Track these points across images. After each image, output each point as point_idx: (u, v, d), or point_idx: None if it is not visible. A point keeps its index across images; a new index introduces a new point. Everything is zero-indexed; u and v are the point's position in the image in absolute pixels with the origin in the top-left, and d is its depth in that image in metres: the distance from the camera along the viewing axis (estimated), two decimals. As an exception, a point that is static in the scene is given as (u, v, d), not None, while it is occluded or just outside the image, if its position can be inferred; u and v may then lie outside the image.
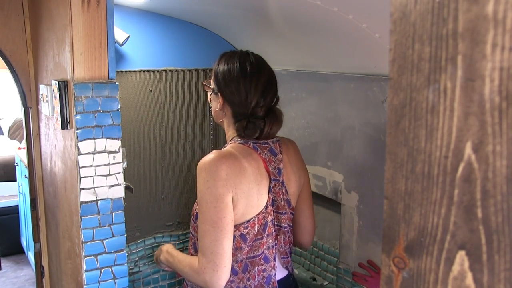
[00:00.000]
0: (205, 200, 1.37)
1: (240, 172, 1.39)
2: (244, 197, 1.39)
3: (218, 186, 1.35)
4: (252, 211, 1.42)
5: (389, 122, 0.43)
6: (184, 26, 2.16)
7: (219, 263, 1.35)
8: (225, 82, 1.47)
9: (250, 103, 1.45)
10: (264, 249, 1.46)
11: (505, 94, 0.35)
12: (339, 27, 1.55)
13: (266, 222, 1.45)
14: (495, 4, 0.34)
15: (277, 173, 1.49)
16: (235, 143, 1.47)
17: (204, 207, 1.37)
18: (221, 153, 1.40)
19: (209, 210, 1.36)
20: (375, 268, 1.75)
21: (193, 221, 1.51)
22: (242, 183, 1.38)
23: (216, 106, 1.52)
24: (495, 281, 0.37)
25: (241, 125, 1.46)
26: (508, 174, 0.35)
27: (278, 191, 1.48)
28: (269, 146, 1.49)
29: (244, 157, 1.42)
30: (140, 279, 2.12)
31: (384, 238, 0.44)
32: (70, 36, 1.45)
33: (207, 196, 1.36)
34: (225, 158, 1.38)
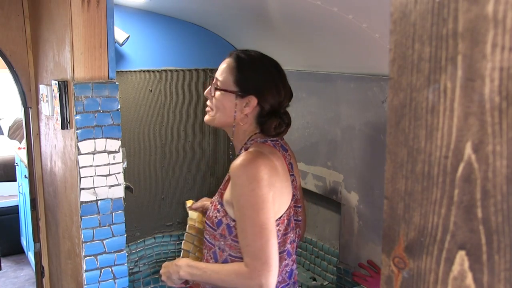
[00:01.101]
0: (250, 203, 1.34)
1: (274, 170, 1.39)
2: (278, 195, 1.40)
3: (261, 186, 1.34)
4: (283, 207, 1.43)
5: (389, 122, 0.43)
6: (184, 26, 2.16)
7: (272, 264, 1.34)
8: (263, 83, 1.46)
9: (284, 102, 1.48)
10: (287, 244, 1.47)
11: (505, 94, 0.35)
12: (339, 27, 1.55)
13: (290, 217, 1.46)
14: (495, 4, 0.34)
15: (291, 167, 1.51)
16: (257, 143, 1.46)
17: (250, 210, 1.34)
18: (256, 154, 1.39)
19: (256, 213, 1.34)
20: (375, 268, 1.75)
21: (213, 229, 1.46)
22: (276, 182, 1.39)
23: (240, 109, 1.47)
24: (495, 281, 0.37)
25: (271, 123, 1.46)
26: (508, 174, 0.35)
27: (295, 185, 1.51)
28: (280, 143, 1.51)
29: (271, 155, 1.42)
30: (140, 279, 2.12)
31: (384, 238, 0.44)
32: (70, 36, 1.45)
33: (252, 199, 1.34)
34: (261, 159, 1.37)
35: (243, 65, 1.47)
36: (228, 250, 1.44)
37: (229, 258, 1.45)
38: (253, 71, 1.46)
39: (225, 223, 1.43)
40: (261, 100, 1.45)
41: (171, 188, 2.20)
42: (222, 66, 1.50)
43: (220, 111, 1.49)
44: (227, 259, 1.45)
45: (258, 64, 1.47)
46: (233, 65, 1.47)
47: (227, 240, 1.43)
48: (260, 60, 1.48)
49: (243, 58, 1.47)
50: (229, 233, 1.43)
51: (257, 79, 1.46)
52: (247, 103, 1.45)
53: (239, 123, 1.48)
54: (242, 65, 1.47)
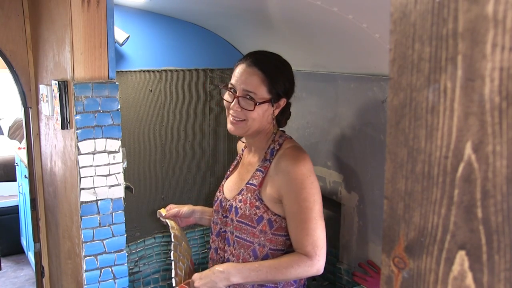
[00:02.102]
0: (312, 194, 1.44)
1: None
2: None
3: (315, 179, 1.46)
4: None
5: (389, 122, 0.43)
6: (184, 26, 2.16)
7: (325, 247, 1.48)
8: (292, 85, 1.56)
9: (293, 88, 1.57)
10: None
11: (505, 94, 0.35)
12: (339, 27, 1.55)
13: None
14: (495, 4, 0.34)
15: None
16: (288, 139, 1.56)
17: (313, 202, 1.44)
18: (301, 150, 1.51)
19: (317, 204, 1.45)
20: (375, 268, 1.75)
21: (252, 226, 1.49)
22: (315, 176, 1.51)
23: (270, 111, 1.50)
24: (495, 281, 0.37)
25: (287, 116, 1.60)
26: (508, 174, 0.35)
27: None
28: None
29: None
30: (140, 279, 2.12)
31: (384, 238, 0.45)
32: (70, 36, 1.45)
33: (313, 190, 1.44)
34: (306, 154, 1.49)
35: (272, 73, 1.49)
36: (268, 244, 1.50)
37: (270, 252, 1.51)
38: (282, 76, 1.51)
39: (266, 218, 1.48)
40: (288, 99, 1.56)
41: (171, 188, 2.20)
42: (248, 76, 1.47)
43: (257, 121, 1.50)
44: (268, 254, 1.51)
45: (282, 68, 1.53)
46: (262, 76, 1.47)
47: (267, 235, 1.49)
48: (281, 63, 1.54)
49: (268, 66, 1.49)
50: (270, 227, 1.49)
51: (284, 82, 1.52)
52: (278, 105, 1.52)
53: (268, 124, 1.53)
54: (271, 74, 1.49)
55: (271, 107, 1.50)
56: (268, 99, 1.48)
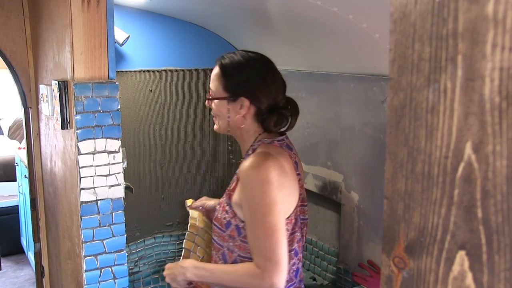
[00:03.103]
0: (261, 205, 1.36)
1: (283, 171, 1.41)
2: (287, 193, 1.42)
3: (272, 189, 1.36)
4: (291, 206, 1.45)
5: (389, 122, 0.43)
6: (184, 26, 2.16)
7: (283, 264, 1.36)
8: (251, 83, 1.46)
9: (277, 96, 1.47)
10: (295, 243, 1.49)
11: (505, 94, 0.35)
12: (339, 27, 1.55)
13: (297, 216, 1.48)
14: (495, 4, 0.34)
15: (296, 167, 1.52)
16: (264, 144, 1.47)
17: (261, 212, 1.36)
18: (264, 156, 1.40)
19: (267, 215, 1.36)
20: (375, 268, 1.75)
21: (222, 230, 1.48)
22: (285, 182, 1.41)
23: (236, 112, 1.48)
24: (495, 281, 0.37)
25: (271, 119, 1.47)
26: (508, 174, 0.35)
27: (302, 184, 1.52)
28: (285, 142, 1.52)
29: (279, 155, 1.43)
30: (140, 279, 2.12)
31: (384, 238, 0.44)
32: (70, 36, 1.45)
33: (263, 201, 1.36)
34: (270, 160, 1.39)
35: (227, 70, 1.48)
36: (237, 251, 1.45)
37: (239, 258, 1.46)
38: (238, 74, 1.47)
39: (234, 224, 1.44)
40: (253, 100, 1.46)
41: (171, 188, 2.20)
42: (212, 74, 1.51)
43: (220, 118, 1.51)
44: (236, 259, 1.46)
45: (242, 66, 1.48)
46: (219, 72, 1.48)
47: (236, 241, 1.44)
48: (244, 61, 1.49)
49: (226, 63, 1.49)
50: (238, 234, 1.44)
51: (243, 81, 1.46)
52: (241, 105, 1.46)
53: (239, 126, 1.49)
54: (226, 70, 1.48)
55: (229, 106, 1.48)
56: (224, 96, 1.47)
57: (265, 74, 1.46)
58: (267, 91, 1.45)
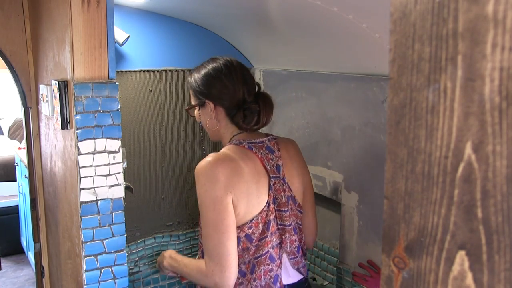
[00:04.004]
0: (204, 204, 1.39)
1: (237, 172, 1.41)
2: (243, 197, 1.41)
3: (216, 188, 1.38)
4: (253, 210, 1.44)
5: (389, 122, 0.43)
6: (184, 26, 2.16)
7: (225, 265, 1.37)
8: (208, 85, 1.53)
9: (239, 92, 1.50)
10: (269, 248, 1.47)
11: (505, 94, 0.35)
12: (339, 27, 1.55)
13: (269, 220, 1.46)
14: (495, 4, 0.34)
15: (276, 170, 1.50)
16: (230, 145, 1.51)
17: (205, 211, 1.40)
18: (217, 156, 1.43)
19: (209, 213, 1.38)
20: (375, 268, 1.75)
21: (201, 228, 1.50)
22: (240, 183, 1.40)
23: (208, 115, 1.56)
24: (495, 281, 0.37)
25: (239, 116, 1.51)
26: (508, 174, 0.35)
27: (279, 188, 1.49)
28: (265, 145, 1.52)
29: (240, 158, 1.45)
30: (140, 279, 2.12)
31: (384, 238, 0.45)
32: (70, 36, 1.45)
33: (206, 200, 1.39)
34: (221, 160, 1.41)
35: (192, 79, 1.58)
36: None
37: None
38: (200, 80, 1.55)
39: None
40: (215, 100, 1.52)
41: (171, 188, 2.20)
42: None
43: (202, 126, 1.62)
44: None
45: (202, 71, 1.56)
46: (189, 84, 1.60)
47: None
48: (203, 67, 1.57)
49: (192, 74, 1.59)
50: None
51: (204, 85, 1.53)
52: (210, 108, 1.53)
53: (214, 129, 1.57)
54: (192, 80, 1.58)
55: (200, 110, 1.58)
56: (195, 104, 1.59)
57: (220, 74, 1.51)
58: (225, 89, 1.50)
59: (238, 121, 1.51)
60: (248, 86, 1.52)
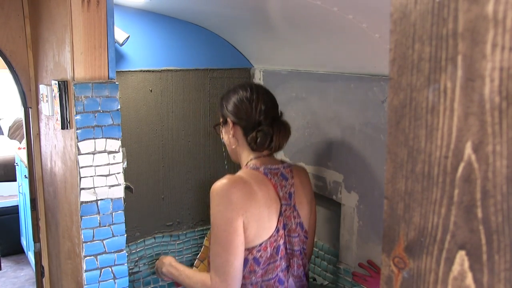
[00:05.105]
0: (216, 224, 1.46)
1: (251, 196, 1.47)
2: (254, 220, 1.46)
3: (228, 210, 1.44)
4: (263, 234, 1.49)
5: (389, 122, 0.43)
6: (184, 26, 2.16)
7: (231, 283, 1.44)
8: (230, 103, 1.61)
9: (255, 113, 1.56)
10: (278, 272, 1.53)
11: (505, 94, 0.35)
12: (339, 27, 1.55)
13: (278, 245, 1.52)
14: (495, 4, 0.34)
15: (288, 197, 1.57)
16: (247, 169, 1.57)
17: (216, 230, 1.46)
18: (232, 178, 1.50)
19: (220, 233, 1.44)
20: (375, 268, 1.75)
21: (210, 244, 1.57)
22: (252, 207, 1.46)
23: (228, 133, 1.63)
24: (495, 281, 0.37)
25: (252, 137, 1.56)
26: (508, 174, 0.35)
27: (290, 215, 1.56)
28: (280, 171, 1.58)
29: (255, 182, 1.51)
30: (140, 279, 2.13)
31: (384, 238, 0.45)
32: (70, 36, 1.45)
33: (218, 220, 1.45)
34: (236, 183, 1.47)
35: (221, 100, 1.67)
36: None
37: None
38: (225, 98, 1.64)
39: None
40: (235, 118, 1.59)
41: (171, 188, 2.20)
42: None
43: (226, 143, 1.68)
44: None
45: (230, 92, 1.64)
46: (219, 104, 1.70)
47: None
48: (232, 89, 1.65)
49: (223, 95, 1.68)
50: None
51: (228, 104, 1.61)
52: (230, 126, 1.60)
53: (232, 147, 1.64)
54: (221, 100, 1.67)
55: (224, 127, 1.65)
56: (220, 121, 1.67)
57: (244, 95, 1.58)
58: (246, 110, 1.56)
59: (251, 142, 1.56)
60: (267, 109, 1.57)
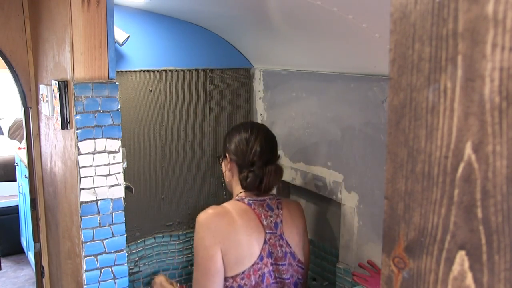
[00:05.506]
0: (196, 251, 1.56)
1: (229, 224, 1.55)
2: (233, 247, 1.54)
3: (206, 238, 1.53)
4: (245, 262, 1.55)
5: (389, 122, 0.43)
6: (184, 26, 2.16)
7: None
8: (230, 140, 1.69)
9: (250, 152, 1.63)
10: None
11: (505, 94, 0.35)
12: (339, 27, 1.55)
13: (263, 273, 1.57)
14: (495, 4, 0.34)
15: (274, 226, 1.62)
16: (233, 200, 1.66)
17: (195, 256, 1.56)
18: (215, 208, 1.59)
19: (199, 260, 1.54)
20: (375, 268, 1.75)
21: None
22: (231, 235, 1.54)
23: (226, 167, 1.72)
24: (495, 281, 0.37)
25: (243, 176, 1.64)
26: (508, 174, 0.35)
27: (275, 243, 1.61)
28: (266, 203, 1.65)
29: (237, 212, 1.59)
30: (140, 279, 2.12)
31: (384, 238, 0.45)
32: (70, 36, 1.45)
33: (197, 247, 1.55)
34: (216, 213, 1.57)
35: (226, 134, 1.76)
36: None
37: None
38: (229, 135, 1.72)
39: None
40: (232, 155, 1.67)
41: (171, 188, 2.20)
42: None
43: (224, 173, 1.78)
44: None
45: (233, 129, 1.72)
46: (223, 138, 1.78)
47: None
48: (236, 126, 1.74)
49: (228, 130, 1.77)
50: None
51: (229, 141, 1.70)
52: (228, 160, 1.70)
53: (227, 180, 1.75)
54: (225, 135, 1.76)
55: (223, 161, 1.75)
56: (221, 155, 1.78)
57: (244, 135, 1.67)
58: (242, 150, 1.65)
59: (242, 180, 1.63)
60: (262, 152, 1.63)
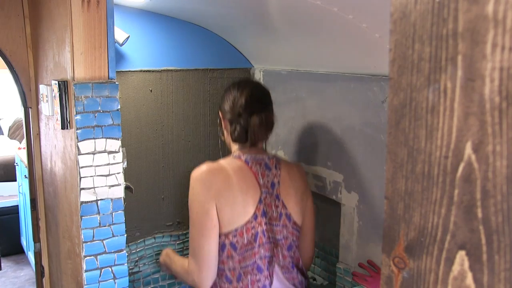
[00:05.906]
0: (191, 207, 1.54)
1: (225, 181, 1.52)
2: (228, 204, 1.51)
3: (201, 193, 1.50)
4: (238, 219, 1.52)
5: (389, 122, 0.43)
6: (184, 26, 2.16)
7: (202, 265, 1.50)
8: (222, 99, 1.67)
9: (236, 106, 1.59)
10: (256, 259, 1.54)
11: (505, 94, 0.35)
12: (339, 27, 1.55)
13: (256, 232, 1.54)
14: (495, 4, 0.34)
15: (271, 186, 1.60)
16: (229, 157, 1.63)
17: (190, 213, 1.54)
18: (210, 165, 1.56)
19: (194, 215, 1.52)
20: (375, 268, 1.75)
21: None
22: (226, 191, 1.51)
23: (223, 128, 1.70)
24: (495, 281, 0.37)
25: (232, 129, 1.61)
26: (508, 174, 0.35)
27: (270, 203, 1.58)
28: (264, 162, 1.62)
29: (232, 169, 1.56)
30: (140, 279, 2.12)
31: (384, 238, 0.45)
32: (70, 36, 1.45)
33: (192, 203, 1.53)
34: (212, 169, 1.54)
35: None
36: None
37: None
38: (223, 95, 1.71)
39: None
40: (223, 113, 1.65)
41: (171, 188, 2.20)
42: None
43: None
44: None
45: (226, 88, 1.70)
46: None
47: None
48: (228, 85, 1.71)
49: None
50: None
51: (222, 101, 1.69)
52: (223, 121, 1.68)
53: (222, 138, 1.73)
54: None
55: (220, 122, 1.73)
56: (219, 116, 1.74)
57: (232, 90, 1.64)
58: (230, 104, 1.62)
59: (232, 134, 1.61)
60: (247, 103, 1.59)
